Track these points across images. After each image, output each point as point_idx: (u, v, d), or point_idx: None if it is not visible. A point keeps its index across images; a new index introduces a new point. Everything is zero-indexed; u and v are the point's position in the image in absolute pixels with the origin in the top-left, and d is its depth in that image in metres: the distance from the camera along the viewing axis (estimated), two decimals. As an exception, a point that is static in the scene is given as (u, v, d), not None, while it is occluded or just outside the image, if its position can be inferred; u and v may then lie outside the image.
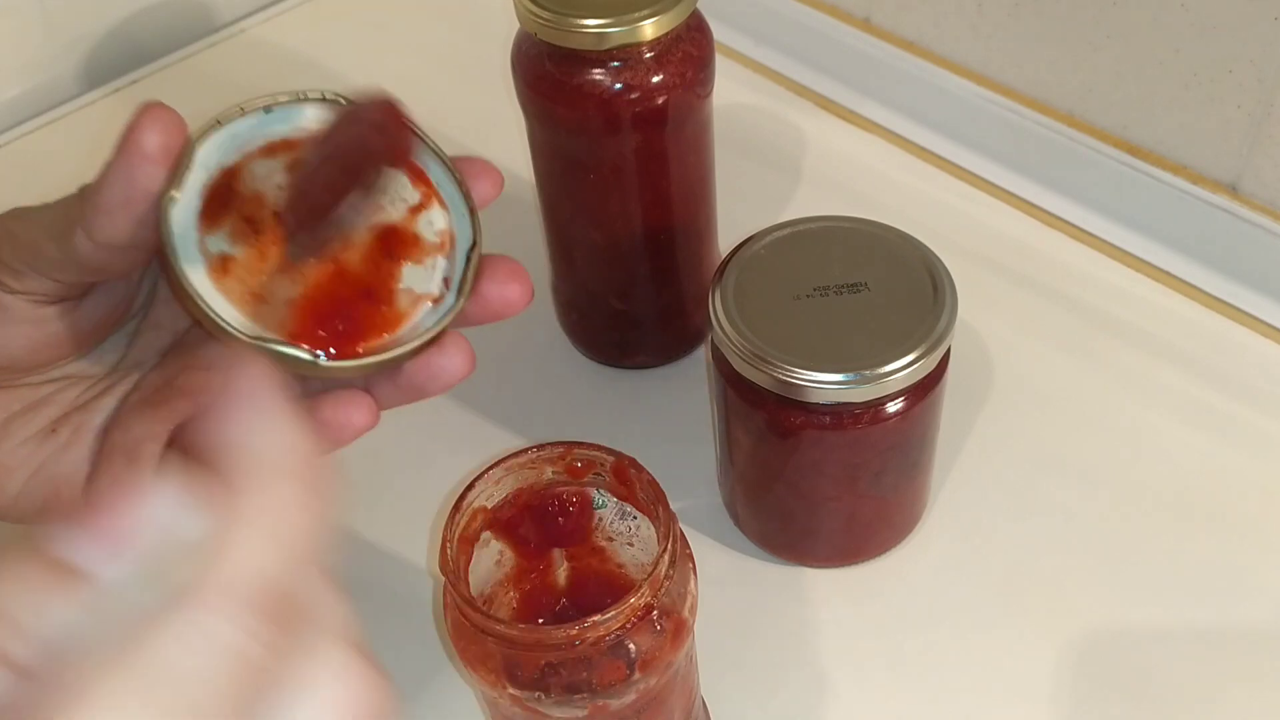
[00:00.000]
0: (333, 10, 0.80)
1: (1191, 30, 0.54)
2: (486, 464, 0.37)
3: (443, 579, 0.35)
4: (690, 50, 0.47)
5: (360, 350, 0.32)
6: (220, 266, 0.32)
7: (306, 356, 0.31)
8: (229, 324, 0.31)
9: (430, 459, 0.53)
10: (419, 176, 0.35)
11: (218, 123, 0.32)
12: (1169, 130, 0.58)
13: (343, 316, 0.32)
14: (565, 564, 0.41)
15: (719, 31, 0.51)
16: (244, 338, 0.31)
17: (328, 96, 0.34)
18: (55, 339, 0.34)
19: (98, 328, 0.35)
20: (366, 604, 0.49)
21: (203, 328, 0.32)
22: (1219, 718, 0.44)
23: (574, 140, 0.49)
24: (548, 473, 0.38)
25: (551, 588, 0.42)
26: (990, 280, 0.59)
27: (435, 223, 0.34)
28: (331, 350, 0.32)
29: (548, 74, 0.47)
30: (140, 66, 0.76)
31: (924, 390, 0.43)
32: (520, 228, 0.59)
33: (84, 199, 0.31)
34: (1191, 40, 0.55)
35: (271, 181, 0.33)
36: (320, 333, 0.32)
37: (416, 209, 0.34)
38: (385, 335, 0.33)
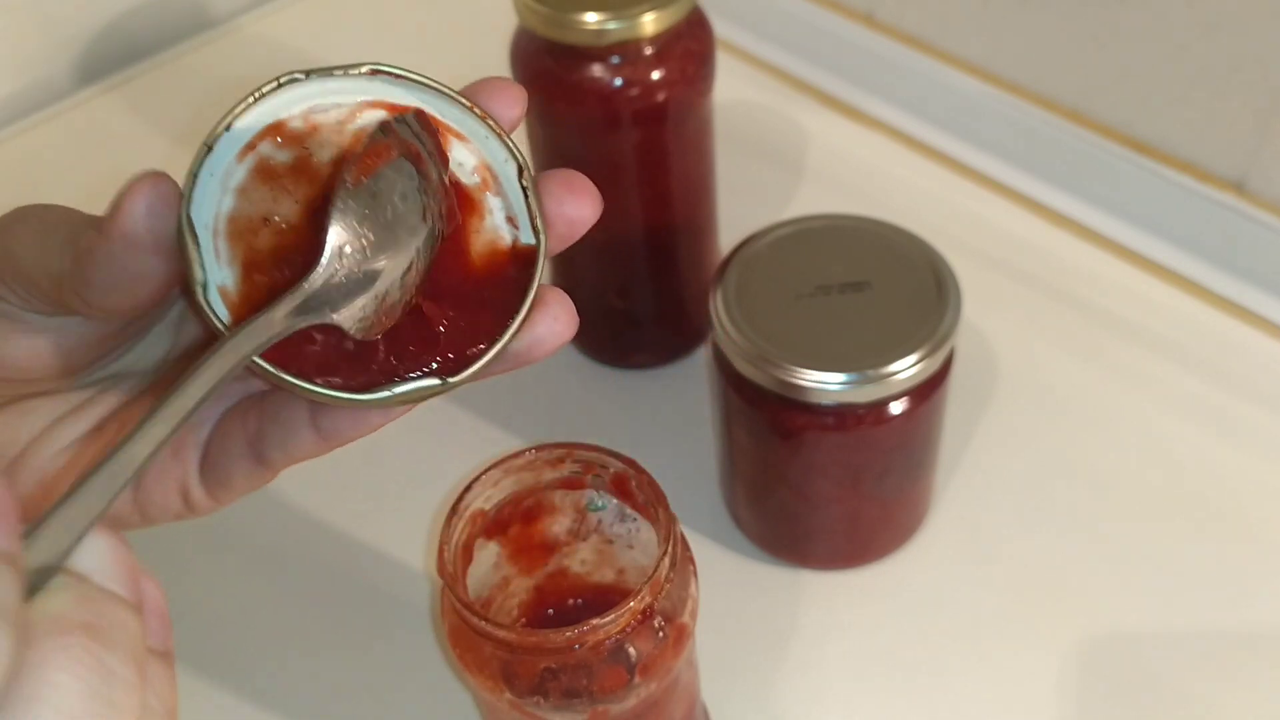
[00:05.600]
0: (329, 6, 0.80)
1: (1198, 27, 0.54)
2: (484, 465, 0.37)
3: (440, 582, 0.35)
4: (691, 46, 0.46)
5: (476, 351, 0.28)
6: None
7: (435, 383, 0.27)
8: (327, 390, 0.26)
9: (427, 461, 0.53)
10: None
11: (192, 176, 0.27)
12: (1175, 127, 0.58)
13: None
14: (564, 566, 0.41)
15: (720, 27, 0.50)
16: (356, 399, 0.26)
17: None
18: (84, 343, 0.30)
19: (134, 324, 0.31)
20: (364, 608, 0.49)
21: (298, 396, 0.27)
22: (1226, 722, 0.43)
23: (573, 137, 0.48)
24: (546, 475, 0.37)
25: (551, 591, 0.41)
26: (995, 279, 0.59)
27: (464, 161, 0.29)
28: (450, 357, 0.27)
29: (547, 70, 0.46)
30: (135, 63, 0.75)
31: (928, 391, 0.42)
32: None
33: (76, 254, 0.27)
34: (1198, 37, 0.54)
35: (290, 199, 0.28)
36: (414, 349, 0.27)
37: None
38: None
